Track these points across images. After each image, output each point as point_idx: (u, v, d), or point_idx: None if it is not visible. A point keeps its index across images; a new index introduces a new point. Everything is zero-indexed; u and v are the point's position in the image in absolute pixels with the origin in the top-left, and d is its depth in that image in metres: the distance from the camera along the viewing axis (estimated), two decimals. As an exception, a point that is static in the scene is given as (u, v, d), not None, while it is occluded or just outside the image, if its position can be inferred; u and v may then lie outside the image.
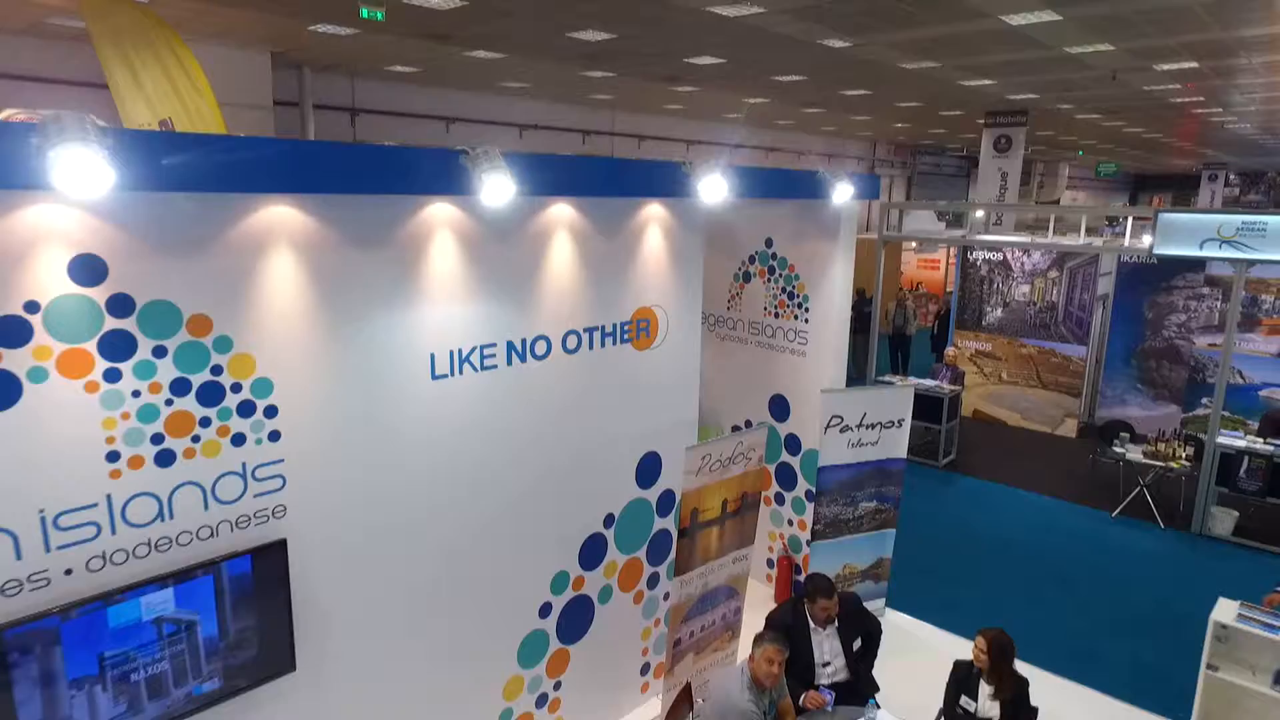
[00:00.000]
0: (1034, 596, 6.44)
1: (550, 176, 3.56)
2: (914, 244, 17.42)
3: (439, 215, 3.39)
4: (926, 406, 9.39)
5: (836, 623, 4.22)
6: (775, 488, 6.22)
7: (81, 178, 2.17)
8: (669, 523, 4.80)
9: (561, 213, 3.88)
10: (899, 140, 23.45)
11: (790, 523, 6.17)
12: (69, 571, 2.60)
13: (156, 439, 2.73)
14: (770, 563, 6.36)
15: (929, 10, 7.65)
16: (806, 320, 5.83)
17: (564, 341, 4.03)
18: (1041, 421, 10.74)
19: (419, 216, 3.33)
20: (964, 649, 4.17)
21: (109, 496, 2.65)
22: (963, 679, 3.96)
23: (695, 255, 4.67)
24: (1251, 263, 7.17)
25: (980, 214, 12.12)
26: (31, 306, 2.43)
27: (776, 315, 6.02)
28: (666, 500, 4.78)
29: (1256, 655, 4.42)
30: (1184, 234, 7.42)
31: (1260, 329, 9.61)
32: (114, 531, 2.68)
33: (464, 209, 3.45)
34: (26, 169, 2.19)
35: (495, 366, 3.74)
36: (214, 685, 2.93)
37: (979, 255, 11.07)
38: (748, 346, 6.26)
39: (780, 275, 5.97)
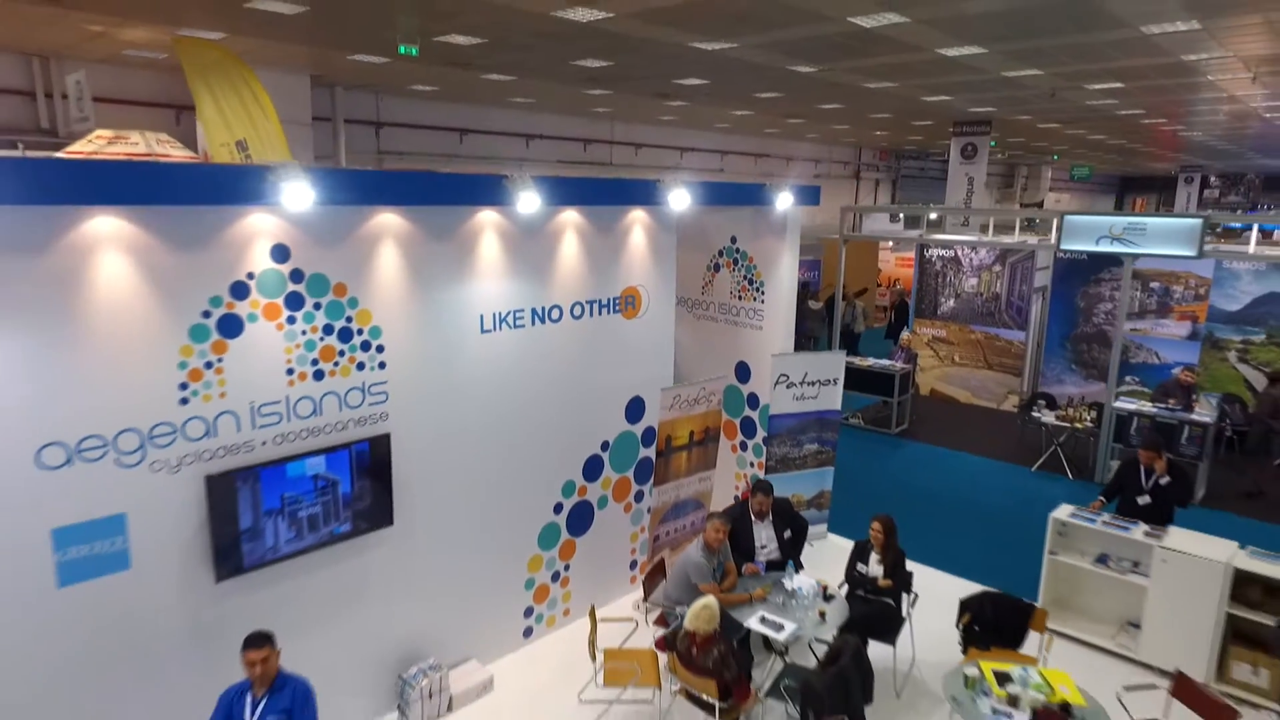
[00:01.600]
0: (951, 527, 8.02)
1: (563, 192, 5.16)
2: (890, 243, 18.99)
3: (487, 219, 5.00)
4: (882, 382, 11.00)
5: (771, 518, 5.80)
6: (740, 437, 7.82)
7: (297, 198, 3.78)
8: (651, 451, 6.39)
9: (570, 217, 5.49)
10: (882, 146, 25.03)
11: (751, 464, 7.75)
12: (264, 443, 4.20)
13: (314, 363, 4.33)
14: (735, 498, 7.93)
15: (874, 45, 9.24)
16: (762, 302, 7.42)
17: (572, 310, 5.64)
18: (988, 398, 12.33)
19: (474, 220, 4.94)
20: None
21: (287, 397, 4.25)
22: (859, 551, 5.55)
23: (669, 248, 6.27)
24: (1136, 255, 8.76)
25: (934, 215, 13.70)
26: (250, 275, 4.03)
27: (740, 298, 7.61)
28: (649, 435, 6.37)
29: (1085, 544, 6.01)
30: (1084, 232, 9.02)
31: (1172, 315, 11.20)
32: (289, 420, 4.28)
33: (504, 215, 5.06)
34: (257, 193, 3.80)
35: (524, 326, 5.35)
36: (346, 527, 4.53)
37: (934, 252, 12.67)
38: (718, 324, 7.86)
39: (742, 266, 7.56)
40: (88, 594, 3.71)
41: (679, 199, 5.74)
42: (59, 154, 8.83)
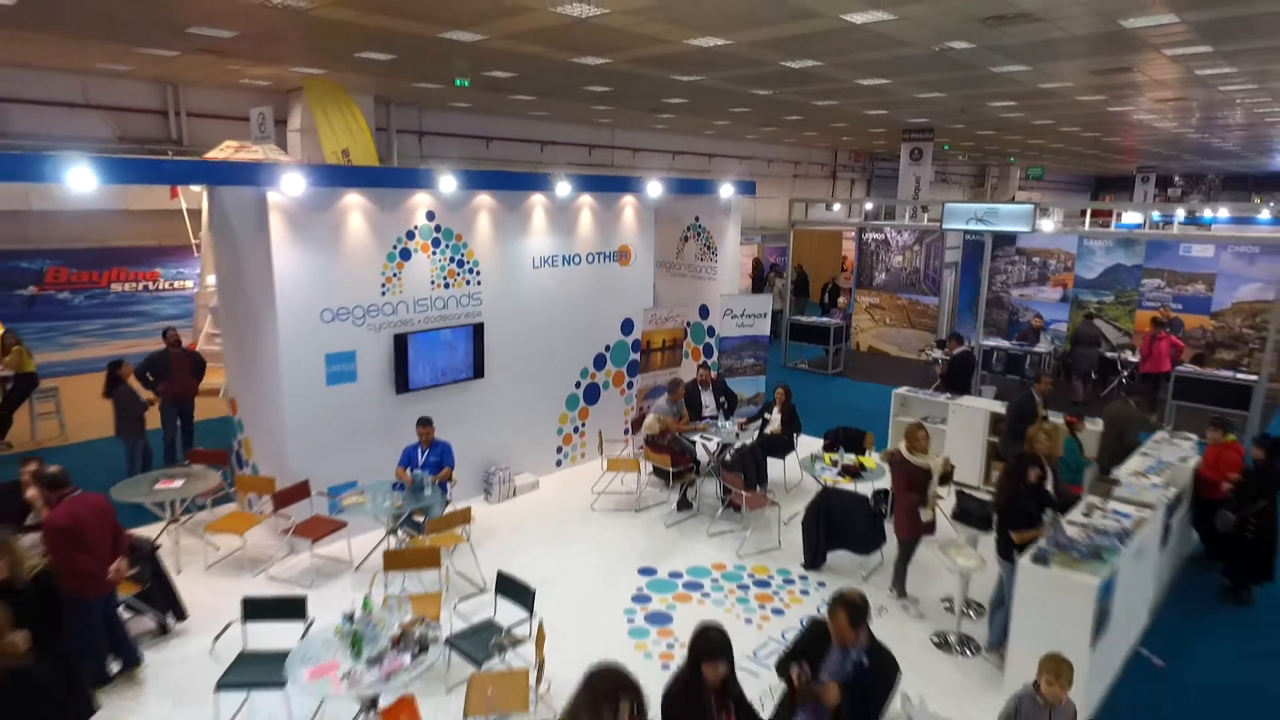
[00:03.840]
0: (850, 420, 11.57)
1: (582, 184, 8.78)
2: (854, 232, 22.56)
3: (537, 199, 8.64)
4: (821, 334, 14.60)
5: (712, 388, 9.38)
6: (702, 358, 11.41)
7: (448, 184, 7.42)
8: (637, 355, 9.99)
9: (586, 199, 9.12)
10: (854, 149, 28.66)
11: (710, 376, 11.33)
12: (420, 320, 7.82)
13: (445, 279, 7.96)
14: (700, 402, 11.51)
15: (807, 78, 12.83)
16: (716, 261, 11.03)
17: (587, 258, 9.25)
18: (911, 351, 15.91)
19: (530, 199, 8.57)
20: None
21: (431, 296, 7.88)
22: (767, 407, 9.13)
23: (649, 220, 9.91)
24: (994, 232, 12.35)
25: (870, 206, 17.30)
26: (415, 227, 7.66)
27: (701, 259, 11.22)
28: (636, 344, 9.98)
29: (915, 409, 9.61)
30: (959, 215, 12.64)
31: (1049, 283, 14.79)
32: (431, 309, 7.90)
33: (547, 197, 8.69)
34: (418, 181, 7.44)
35: (557, 266, 8.97)
36: (460, 375, 8.14)
37: (869, 236, 16.28)
38: (686, 279, 11.47)
39: (703, 237, 11.18)
40: (338, 392, 7.32)
41: (654, 189, 9.38)
42: (199, 157, 12.54)
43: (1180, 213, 14.69)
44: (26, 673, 3.31)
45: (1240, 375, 11.07)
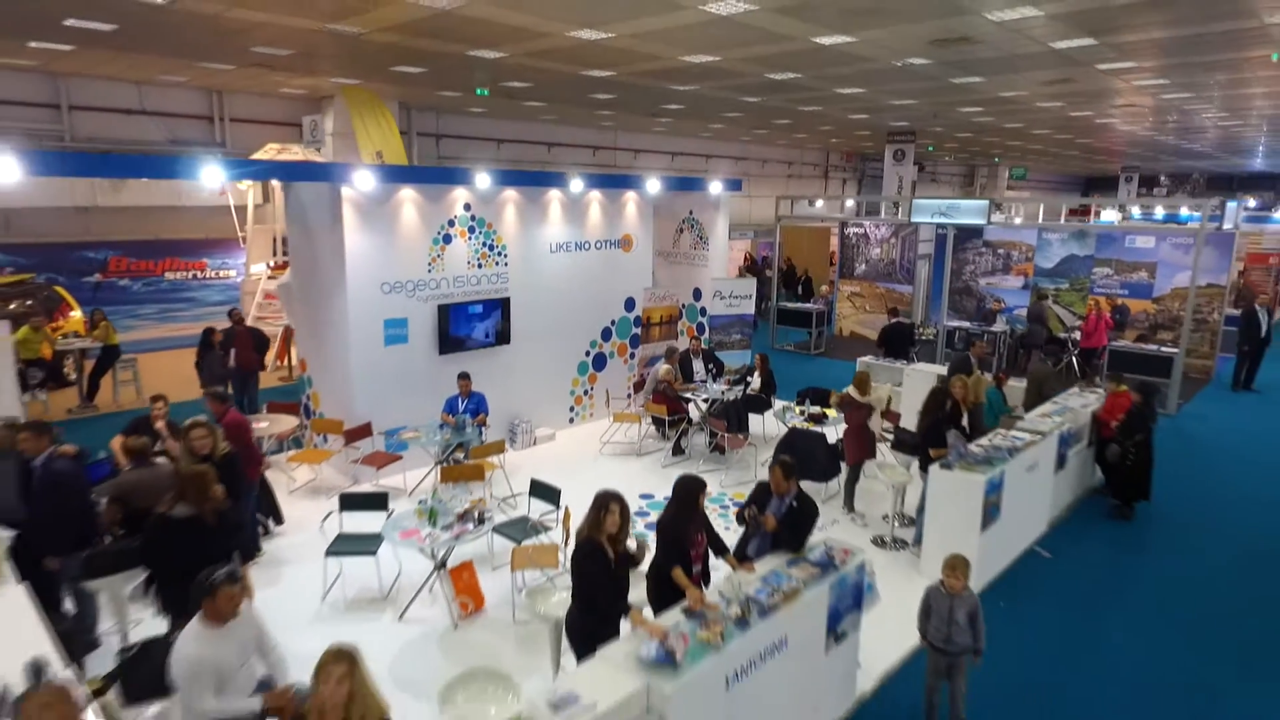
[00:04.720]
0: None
1: (591, 182, 10.50)
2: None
3: (554, 194, 10.37)
4: (804, 318, 16.31)
5: (702, 356, 11.09)
6: (695, 334, 13.12)
7: (482, 181, 9.16)
8: (639, 329, 11.70)
9: (594, 194, 10.84)
10: (845, 150, 30.39)
11: (702, 351, 13.06)
12: (459, 294, 9.54)
13: (479, 260, 9.69)
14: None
15: (790, 88, 14.55)
16: (708, 250, 12.75)
17: (595, 244, 10.98)
18: (888, 335, 17.61)
19: (547, 194, 10.31)
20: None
21: (467, 274, 9.61)
22: (749, 370, 10.84)
23: (649, 213, 11.63)
24: (955, 225, 14.07)
25: (851, 203, 19.03)
26: (455, 216, 9.39)
27: (694, 248, 12.94)
28: (637, 320, 11.70)
29: (877, 376, 11.30)
30: (924, 210, 14.36)
31: (1013, 272, 16.50)
32: (468, 285, 9.63)
33: (562, 192, 10.42)
34: (459, 178, 9.17)
35: (571, 251, 10.69)
36: (491, 340, 9.87)
37: (850, 230, 18.00)
38: (682, 265, 13.20)
39: (696, 229, 12.89)
40: (393, 352, 9.04)
41: (653, 186, 11.11)
42: (248, 157, 14.17)
43: (1096, 215, 16.33)
44: (227, 514, 5.01)
45: (1164, 349, 12.79)
